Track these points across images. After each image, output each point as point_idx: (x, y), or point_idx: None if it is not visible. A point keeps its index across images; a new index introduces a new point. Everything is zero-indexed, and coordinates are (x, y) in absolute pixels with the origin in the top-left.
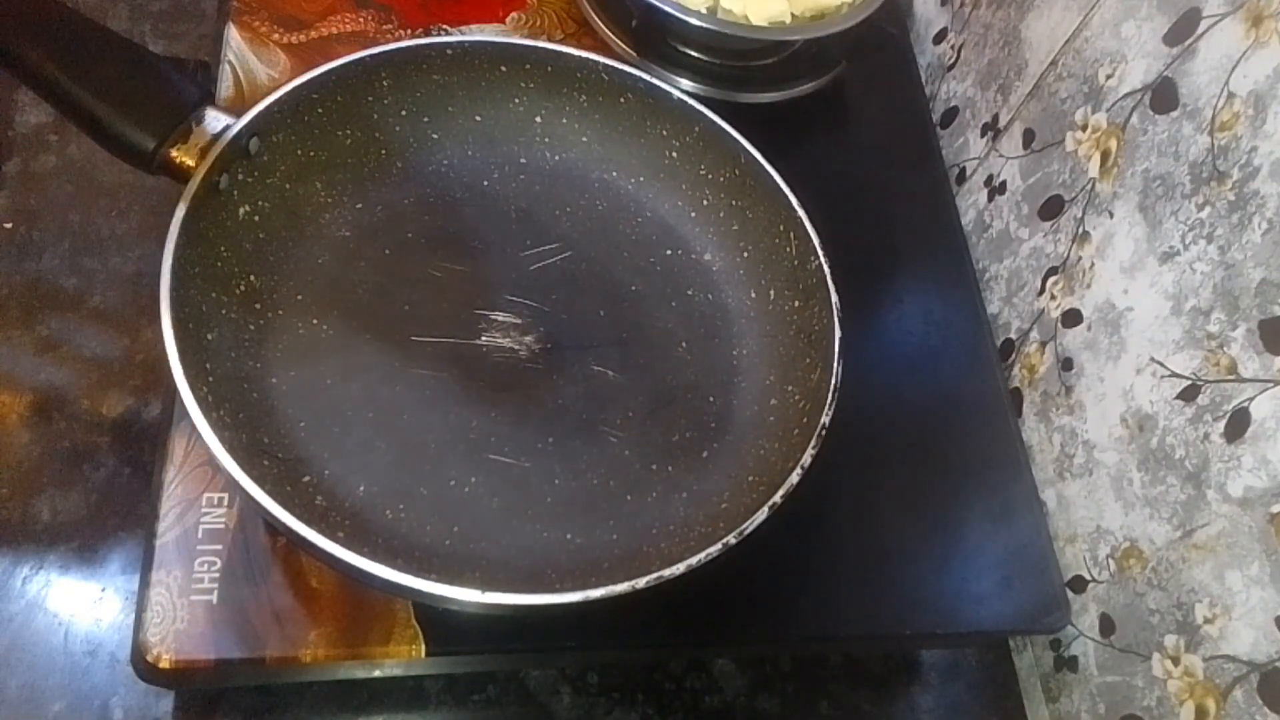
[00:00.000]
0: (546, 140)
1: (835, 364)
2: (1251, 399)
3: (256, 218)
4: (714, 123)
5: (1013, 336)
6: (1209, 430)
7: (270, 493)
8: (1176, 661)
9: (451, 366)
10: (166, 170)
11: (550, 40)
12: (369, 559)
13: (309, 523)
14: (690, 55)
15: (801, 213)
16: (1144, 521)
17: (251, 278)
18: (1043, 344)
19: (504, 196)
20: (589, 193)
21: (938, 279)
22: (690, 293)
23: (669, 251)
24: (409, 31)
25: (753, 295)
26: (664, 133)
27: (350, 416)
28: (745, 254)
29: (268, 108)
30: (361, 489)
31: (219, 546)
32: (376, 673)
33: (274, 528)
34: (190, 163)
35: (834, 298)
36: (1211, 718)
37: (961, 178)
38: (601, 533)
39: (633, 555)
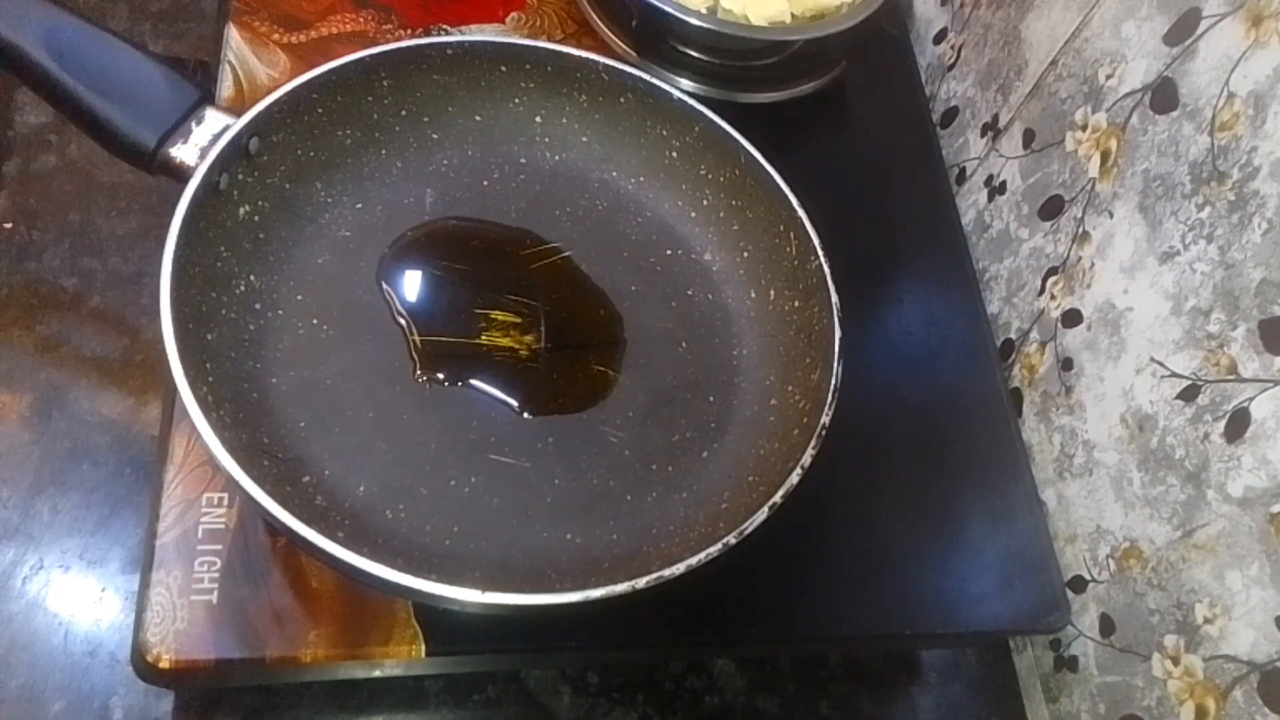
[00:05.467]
0: (546, 140)
1: (835, 364)
2: (1251, 399)
3: (256, 218)
4: (714, 123)
5: (1013, 336)
6: (1209, 430)
7: (270, 493)
8: (1176, 661)
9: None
10: (166, 170)
11: (550, 40)
12: (369, 559)
13: (309, 523)
14: (690, 55)
15: (801, 213)
16: (1144, 521)
17: (251, 278)
18: (1043, 344)
19: (504, 196)
20: (589, 193)
21: (938, 279)
22: (690, 293)
23: (669, 251)
24: (409, 31)
25: (753, 295)
26: (664, 133)
27: (350, 416)
28: (745, 254)
29: (268, 108)
30: (361, 489)
31: (219, 546)
32: (376, 673)
33: (274, 528)
34: (190, 163)
35: (834, 298)
36: (1211, 718)
37: (961, 178)
38: (601, 533)
39: (633, 555)
